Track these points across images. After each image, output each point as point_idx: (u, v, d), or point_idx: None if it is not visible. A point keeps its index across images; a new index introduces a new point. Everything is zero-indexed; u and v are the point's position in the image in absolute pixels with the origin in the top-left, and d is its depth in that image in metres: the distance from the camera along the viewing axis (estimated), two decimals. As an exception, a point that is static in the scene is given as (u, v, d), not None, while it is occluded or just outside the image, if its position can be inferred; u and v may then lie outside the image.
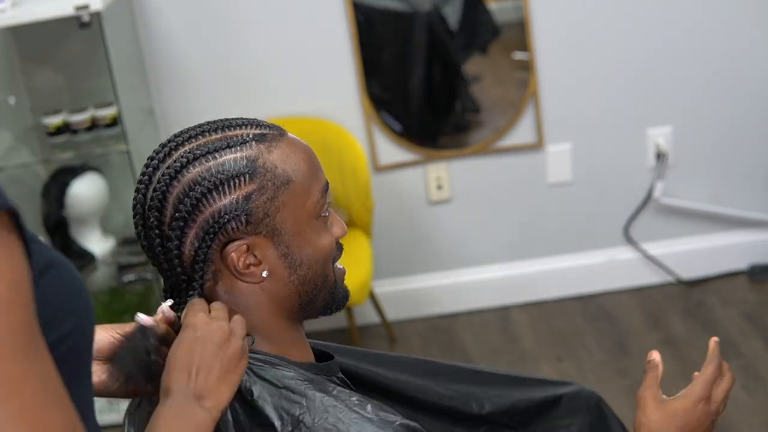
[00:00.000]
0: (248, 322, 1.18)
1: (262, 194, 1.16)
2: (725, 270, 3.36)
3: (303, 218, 1.20)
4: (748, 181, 3.31)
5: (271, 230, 1.17)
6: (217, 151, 1.16)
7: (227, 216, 1.15)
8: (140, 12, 3.06)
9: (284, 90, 3.18)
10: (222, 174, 1.15)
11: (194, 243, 1.16)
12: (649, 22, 3.13)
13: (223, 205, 1.15)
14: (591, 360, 3.03)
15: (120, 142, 2.87)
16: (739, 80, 3.19)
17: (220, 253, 1.17)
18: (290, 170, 1.18)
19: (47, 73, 3.06)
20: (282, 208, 1.18)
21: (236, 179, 1.15)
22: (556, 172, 3.28)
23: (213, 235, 1.16)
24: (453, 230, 3.36)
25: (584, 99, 3.20)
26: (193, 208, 1.15)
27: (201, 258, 1.17)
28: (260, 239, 1.17)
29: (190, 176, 1.15)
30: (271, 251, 1.18)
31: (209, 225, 1.15)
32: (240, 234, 1.16)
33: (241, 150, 1.17)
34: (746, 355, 2.95)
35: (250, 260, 1.17)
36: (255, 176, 1.16)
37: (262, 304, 1.20)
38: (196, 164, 1.16)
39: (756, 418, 2.69)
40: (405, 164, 3.27)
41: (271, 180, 1.17)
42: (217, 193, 1.15)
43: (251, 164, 1.16)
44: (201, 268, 1.17)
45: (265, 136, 1.19)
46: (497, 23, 3.19)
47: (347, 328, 3.16)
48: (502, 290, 3.39)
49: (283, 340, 1.22)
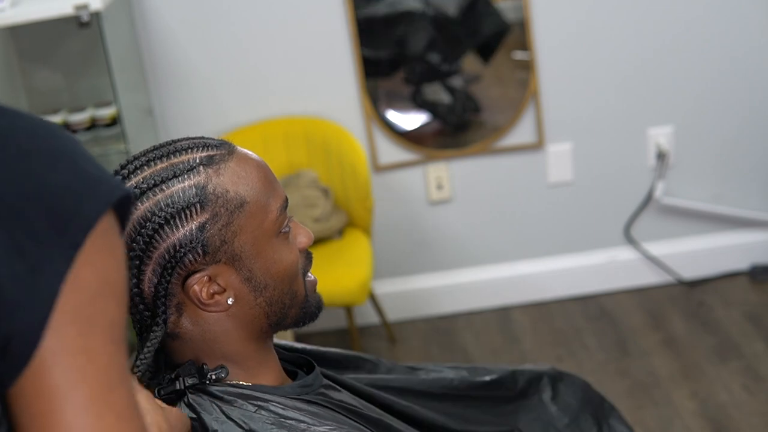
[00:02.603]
0: (218, 350, 1.16)
1: (216, 222, 1.12)
2: (726, 270, 3.36)
3: (263, 238, 1.15)
4: (749, 181, 3.31)
5: (230, 257, 1.13)
6: (165, 182, 1.12)
7: (183, 249, 1.11)
8: (140, 12, 3.06)
9: (284, 90, 3.17)
10: (172, 207, 1.11)
11: (153, 280, 1.12)
12: (649, 21, 3.12)
13: (177, 238, 1.11)
14: (591, 360, 3.03)
15: (119, 142, 2.87)
16: (739, 80, 3.19)
17: (181, 286, 1.13)
18: (243, 191, 1.14)
19: (46, 73, 3.06)
20: (239, 233, 1.13)
21: (187, 210, 1.11)
22: (557, 172, 3.27)
23: (171, 269, 1.12)
24: (453, 230, 3.35)
25: (585, 99, 3.19)
26: (147, 246, 1.11)
27: (162, 293, 1.13)
28: (221, 267, 1.13)
29: (140, 213, 1.11)
30: (233, 277, 1.14)
31: (166, 260, 1.11)
32: (199, 265, 1.12)
33: (189, 178, 1.12)
34: (747, 355, 2.94)
35: (213, 289, 1.14)
36: (206, 204, 1.12)
37: (230, 330, 1.16)
38: (143, 199, 1.11)
39: (757, 418, 2.68)
40: (405, 164, 3.26)
41: (224, 205, 1.12)
42: (169, 228, 1.11)
43: (201, 192, 1.12)
44: (163, 303, 1.13)
45: (212, 158, 1.14)
46: (506, 20, 3.18)
47: (347, 328, 3.15)
48: (502, 290, 3.39)
49: (255, 365, 1.20)
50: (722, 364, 2.92)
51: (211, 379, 1.16)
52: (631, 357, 3.02)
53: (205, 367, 1.16)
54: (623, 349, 3.08)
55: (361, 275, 2.92)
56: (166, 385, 1.16)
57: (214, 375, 1.16)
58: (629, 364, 2.99)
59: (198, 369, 1.16)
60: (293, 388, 1.20)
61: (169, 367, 1.19)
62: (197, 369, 1.16)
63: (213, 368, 1.16)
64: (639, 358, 3.01)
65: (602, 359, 3.03)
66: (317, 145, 3.12)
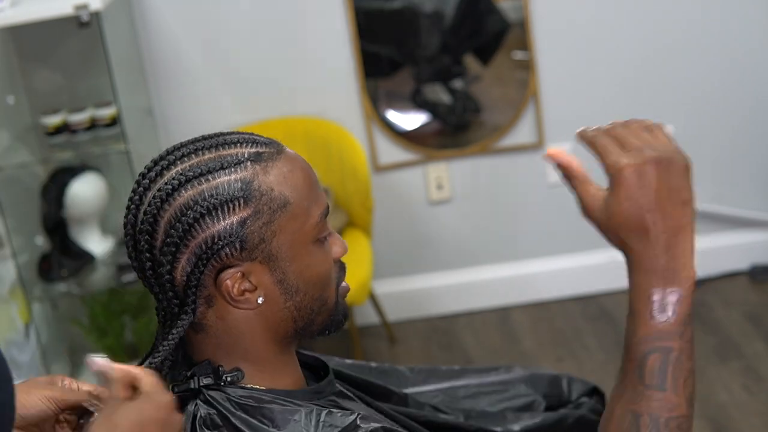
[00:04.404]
0: (239, 348, 1.15)
1: (257, 219, 1.11)
2: (726, 270, 3.36)
3: (300, 242, 1.14)
4: (749, 182, 3.31)
5: (267, 256, 1.12)
6: (211, 173, 1.11)
7: (221, 242, 1.10)
8: (139, 12, 3.06)
9: (284, 90, 3.17)
10: (215, 198, 1.10)
11: (186, 268, 1.11)
12: (649, 21, 3.12)
13: (216, 230, 1.10)
14: (591, 360, 3.03)
15: (119, 142, 2.86)
16: (740, 80, 3.19)
17: (213, 279, 1.12)
18: (288, 192, 1.13)
19: (46, 73, 3.06)
20: (279, 233, 1.12)
21: (230, 204, 1.10)
22: (557, 172, 3.27)
23: (206, 261, 1.10)
24: (453, 230, 3.35)
25: (584, 99, 3.19)
26: (185, 234, 1.10)
27: (193, 283, 1.12)
28: (255, 265, 1.12)
29: (182, 200, 1.10)
30: (266, 277, 1.13)
31: (202, 251, 1.10)
32: (234, 261, 1.11)
33: (236, 172, 1.11)
34: (747, 355, 2.95)
35: (245, 286, 1.12)
36: (250, 200, 1.10)
37: (256, 329, 1.16)
38: (188, 187, 1.10)
39: (757, 418, 2.68)
40: (405, 164, 3.26)
41: (267, 204, 1.11)
42: (211, 219, 1.10)
43: (246, 187, 1.11)
44: (193, 293, 1.12)
45: (261, 155, 1.13)
46: (506, 19, 3.18)
47: (347, 328, 3.15)
48: (502, 290, 3.39)
49: (274, 367, 1.19)
50: (722, 364, 2.92)
51: (225, 381, 1.15)
52: (631, 357, 3.02)
53: (221, 368, 1.16)
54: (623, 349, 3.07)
55: (361, 275, 2.92)
56: (181, 383, 1.16)
57: (230, 377, 1.15)
58: (629, 364, 2.99)
59: (214, 369, 1.16)
60: (305, 393, 1.20)
61: (186, 363, 1.18)
62: (213, 369, 1.16)
63: (229, 370, 1.16)
64: (639, 358, 3.01)
65: (602, 359, 3.03)
66: (317, 145, 3.12)
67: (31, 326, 2.92)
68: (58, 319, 3.13)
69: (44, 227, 3.02)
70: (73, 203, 2.97)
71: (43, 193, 3.00)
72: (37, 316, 2.97)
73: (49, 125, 2.93)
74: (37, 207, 3.02)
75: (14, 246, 2.87)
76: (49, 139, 2.95)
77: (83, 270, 3.02)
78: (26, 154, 2.99)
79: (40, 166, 3.04)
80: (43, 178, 3.02)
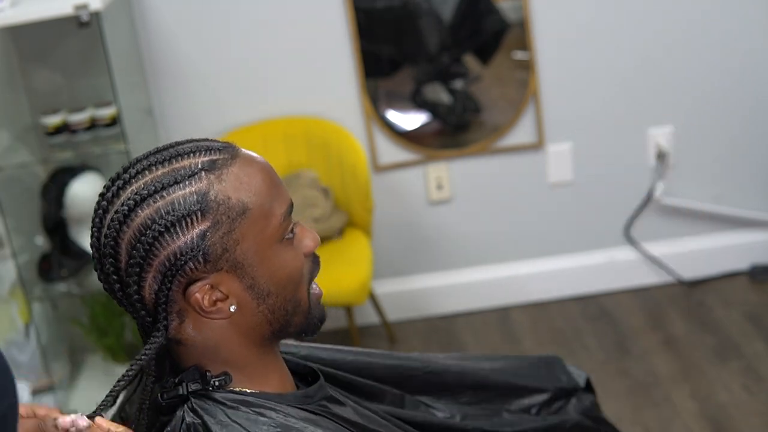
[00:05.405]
0: (221, 356, 1.15)
1: (217, 230, 1.09)
2: (726, 270, 3.36)
3: (266, 245, 1.13)
4: (749, 181, 3.31)
5: (232, 264, 1.11)
6: (165, 189, 1.09)
7: (183, 258, 1.09)
8: (139, 11, 3.06)
9: (284, 90, 3.17)
10: (172, 215, 1.08)
11: (153, 287, 1.10)
12: (649, 21, 3.12)
13: (177, 247, 1.09)
14: (591, 360, 3.03)
15: (119, 142, 2.86)
16: (740, 80, 3.19)
17: (182, 293, 1.11)
18: (246, 198, 1.11)
19: (46, 73, 3.06)
20: (242, 240, 1.11)
21: (188, 218, 1.08)
22: (557, 172, 3.27)
23: (171, 277, 1.10)
24: (453, 230, 3.35)
25: (584, 98, 3.19)
26: (147, 254, 1.09)
27: (162, 300, 1.11)
28: (223, 275, 1.11)
29: (140, 219, 1.09)
30: (236, 285, 1.12)
31: (166, 268, 1.09)
32: (200, 273, 1.10)
33: (191, 184, 1.09)
34: (747, 355, 2.95)
35: (215, 296, 1.11)
36: (208, 212, 1.09)
37: (233, 337, 1.15)
38: (144, 206, 1.09)
39: (757, 418, 2.68)
40: (405, 164, 3.26)
41: (226, 213, 1.10)
42: (170, 235, 1.08)
43: (202, 199, 1.09)
44: (164, 310, 1.12)
45: (215, 162, 1.11)
46: (506, 19, 3.18)
47: (347, 328, 3.15)
48: (502, 290, 3.39)
49: (260, 370, 1.19)
50: (722, 364, 2.92)
51: (214, 385, 1.15)
52: (631, 357, 3.02)
53: (208, 373, 1.16)
54: (623, 349, 3.08)
55: (361, 275, 2.92)
56: (170, 390, 1.16)
57: (217, 381, 1.15)
58: (629, 364, 2.99)
59: (201, 375, 1.16)
60: (295, 396, 1.20)
61: (174, 372, 1.18)
62: (200, 375, 1.16)
63: (216, 375, 1.16)
64: (639, 358, 3.01)
65: (602, 359, 3.03)
66: (317, 145, 3.12)
67: (31, 326, 2.92)
68: (58, 319, 3.13)
69: (44, 227, 3.02)
70: (73, 203, 2.97)
71: (43, 193, 3.00)
72: (37, 316, 2.97)
73: (49, 125, 2.93)
74: (37, 207, 3.02)
75: (14, 246, 2.87)
76: (49, 139, 2.95)
77: (83, 270, 3.02)
78: (26, 154, 2.99)
79: (40, 166, 3.04)
80: (43, 178, 3.02)
